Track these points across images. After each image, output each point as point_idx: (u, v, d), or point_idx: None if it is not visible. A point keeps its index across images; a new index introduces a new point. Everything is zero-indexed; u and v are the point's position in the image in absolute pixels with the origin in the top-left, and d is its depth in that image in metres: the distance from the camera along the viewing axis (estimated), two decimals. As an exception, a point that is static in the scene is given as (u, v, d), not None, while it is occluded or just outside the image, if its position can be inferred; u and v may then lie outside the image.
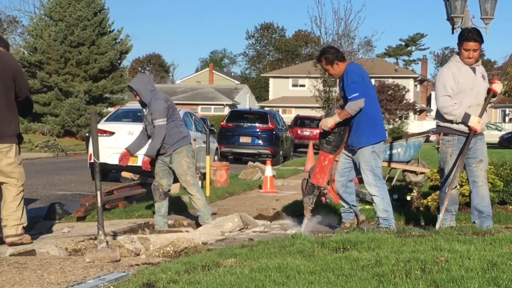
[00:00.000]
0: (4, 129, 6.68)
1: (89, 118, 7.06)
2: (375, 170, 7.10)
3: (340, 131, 7.25)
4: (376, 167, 7.12)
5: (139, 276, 4.61)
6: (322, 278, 4.27)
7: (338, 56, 7.26)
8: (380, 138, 7.21)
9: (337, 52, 7.34)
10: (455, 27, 11.28)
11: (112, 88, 42.18)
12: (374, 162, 7.11)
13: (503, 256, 4.74)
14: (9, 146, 6.75)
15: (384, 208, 7.13)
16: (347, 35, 33.57)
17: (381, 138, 7.24)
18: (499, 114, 68.50)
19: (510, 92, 41.80)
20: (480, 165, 6.92)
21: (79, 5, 41.09)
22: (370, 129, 7.09)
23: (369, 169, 7.09)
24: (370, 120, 7.11)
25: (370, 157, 7.09)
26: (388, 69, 71.73)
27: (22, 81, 6.91)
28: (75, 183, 15.14)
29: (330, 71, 7.34)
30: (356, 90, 7.00)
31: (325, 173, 7.44)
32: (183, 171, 8.10)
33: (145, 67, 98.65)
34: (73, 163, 22.51)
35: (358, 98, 6.97)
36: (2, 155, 6.71)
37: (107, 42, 42.16)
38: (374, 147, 7.12)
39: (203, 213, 8.19)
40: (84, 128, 38.16)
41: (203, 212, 8.20)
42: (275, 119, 25.02)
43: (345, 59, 7.37)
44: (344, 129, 7.23)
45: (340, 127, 7.21)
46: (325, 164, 7.41)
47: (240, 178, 15.45)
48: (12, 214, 6.71)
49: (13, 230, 6.68)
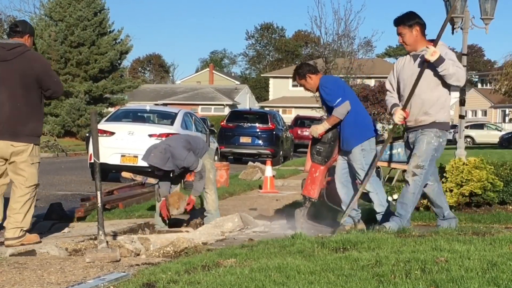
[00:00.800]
0: (17, 128, 6.57)
1: (89, 118, 7.04)
2: (364, 168, 7.26)
3: (330, 141, 7.43)
4: (365, 164, 7.27)
5: (139, 276, 4.62)
6: (322, 278, 4.27)
7: (310, 70, 7.59)
8: (367, 136, 7.35)
9: (308, 66, 7.69)
10: (455, 27, 11.28)
11: (112, 88, 42.18)
12: (364, 159, 7.28)
13: (503, 256, 4.74)
14: (24, 146, 6.61)
15: (380, 202, 7.28)
16: (347, 35, 33.54)
17: (368, 136, 7.36)
18: (499, 114, 68.45)
19: (510, 92, 41.80)
20: (412, 158, 6.58)
21: (79, 5, 41.09)
22: (355, 130, 7.29)
23: (360, 167, 7.29)
24: (352, 121, 7.32)
25: (360, 156, 7.29)
26: (388, 69, 71.37)
27: (50, 83, 6.71)
28: (75, 183, 15.14)
29: (306, 86, 7.66)
30: (336, 96, 7.27)
31: (316, 184, 7.54)
32: (207, 169, 8.27)
33: (145, 67, 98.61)
34: (73, 163, 22.51)
35: (342, 102, 7.24)
36: (17, 154, 6.61)
37: (107, 42, 42.17)
38: (362, 145, 7.30)
39: (212, 216, 8.27)
40: (84, 128, 38.16)
41: (213, 215, 8.30)
42: (275, 119, 25.01)
43: (318, 72, 7.73)
44: (334, 139, 7.41)
45: (329, 137, 7.38)
46: (316, 175, 7.53)
47: (240, 178, 15.45)
48: (13, 216, 6.56)
49: (10, 233, 6.53)
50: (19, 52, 6.60)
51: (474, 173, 8.41)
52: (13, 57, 6.57)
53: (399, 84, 6.68)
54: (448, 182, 8.58)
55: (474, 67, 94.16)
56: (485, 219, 8.14)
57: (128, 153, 14.54)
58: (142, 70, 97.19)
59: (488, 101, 68.99)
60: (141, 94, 61.18)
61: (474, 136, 49.68)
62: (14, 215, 6.55)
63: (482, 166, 8.54)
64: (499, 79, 43.04)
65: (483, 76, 79.13)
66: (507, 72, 40.84)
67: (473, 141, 48.72)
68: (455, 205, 8.49)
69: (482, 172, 8.42)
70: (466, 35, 11.35)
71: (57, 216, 8.75)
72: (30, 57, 6.69)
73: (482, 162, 8.61)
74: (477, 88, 76.47)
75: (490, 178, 8.45)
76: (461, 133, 11.62)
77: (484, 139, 48.44)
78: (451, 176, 8.58)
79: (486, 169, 8.53)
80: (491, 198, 8.55)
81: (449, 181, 8.58)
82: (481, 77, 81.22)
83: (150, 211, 9.13)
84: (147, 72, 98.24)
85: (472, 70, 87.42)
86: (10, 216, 6.56)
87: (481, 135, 50.22)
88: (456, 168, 8.60)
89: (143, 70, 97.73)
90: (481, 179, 8.39)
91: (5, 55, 6.58)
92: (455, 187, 8.51)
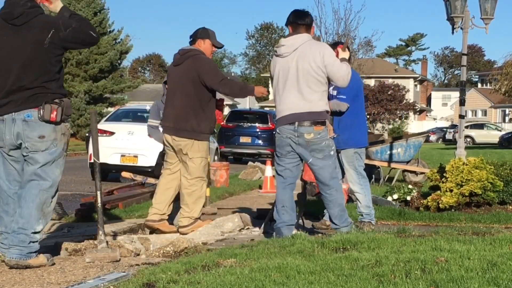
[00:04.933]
0: (180, 124, 7.27)
1: (89, 118, 7.07)
2: (357, 169, 7.52)
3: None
4: (358, 166, 7.54)
5: (139, 276, 4.61)
6: (322, 278, 4.27)
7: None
8: (363, 145, 7.67)
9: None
10: (455, 27, 11.27)
11: (112, 88, 42.21)
12: (357, 161, 7.55)
13: (503, 256, 4.74)
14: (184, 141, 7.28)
15: (367, 204, 7.54)
16: (347, 35, 33.51)
17: (364, 145, 7.71)
18: (499, 114, 68.49)
19: (510, 92, 41.79)
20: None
21: (79, 5, 41.13)
22: (357, 134, 7.53)
23: (352, 167, 7.52)
24: (358, 125, 7.55)
25: (353, 157, 7.54)
26: (388, 69, 71.78)
27: (208, 80, 7.22)
28: (75, 183, 15.15)
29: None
30: (345, 93, 7.36)
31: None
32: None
33: (145, 67, 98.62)
34: (73, 163, 22.49)
35: (344, 101, 7.42)
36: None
37: (107, 42, 42.21)
38: (356, 150, 7.57)
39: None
40: (84, 128, 38.19)
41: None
42: (275, 119, 24.99)
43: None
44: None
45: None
46: None
47: (240, 178, 15.45)
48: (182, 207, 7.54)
49: (183, 222, 7.45)
50: None
51: (474, 173, 8.41)
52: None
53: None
54: (448, 182, 8.58)
55: (474, 67, 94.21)
56: (485, 219, 8.14)
57: (128, 153, 14.55)
58: (142, 70, 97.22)
59: (488, 101, 69.04)
60: (141, 94, 61.20)
61: (474, 136, 49.74)
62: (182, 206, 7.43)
63: (482, 166, 8.54)
64: (499, 79, 43.05)
65: (483, 76, 79.17)
66: (507, 72, 40.82)
67: (473, 141, 48.77)
68: (455, 205, 8.50)
69: (482, 172, 8.42)
70: (466, 35, 11.35)
71: (57, 216, 8.75)
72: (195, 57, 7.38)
73: (482, 162, 8.61)
74: (477, 88, 76.53)
75: (490, 178, 8.45)
76: (461, 133, 11.62)
77: (484, 139, 48.50)
78: (451, 176, 8.58)
79: (486, 169, 8.53)
80: (491, 198, 8.55)
81: (449, 181, 8.58)
82: (481, 77, 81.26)
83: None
84: (147, 72, 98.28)
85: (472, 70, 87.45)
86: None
87: (481, 135, 50.28)
88: (456, 168, 8.60)
89: (143, 70, 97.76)
90: (481, 179, 8.38)
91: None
92: (455, 187, 8.51)
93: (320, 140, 6.27)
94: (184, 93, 7.30)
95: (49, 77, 5.19)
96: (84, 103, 40.20)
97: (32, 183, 5.17)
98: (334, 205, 6.34)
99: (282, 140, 6.35)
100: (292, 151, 6.35)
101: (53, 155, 5.23)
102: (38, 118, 5.13)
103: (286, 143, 6.33)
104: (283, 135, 6.34)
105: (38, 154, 5.17)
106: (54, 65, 5.21)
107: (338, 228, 6.34)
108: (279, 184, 6.50)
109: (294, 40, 6.29)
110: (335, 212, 6.35)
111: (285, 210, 6.39)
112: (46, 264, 5.17)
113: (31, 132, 5.14)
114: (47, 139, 5.18)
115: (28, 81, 5.13)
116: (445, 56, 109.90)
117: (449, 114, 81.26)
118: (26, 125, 5.14)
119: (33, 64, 5.13)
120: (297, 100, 6.25)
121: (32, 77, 5.13)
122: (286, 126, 6.31)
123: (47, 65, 5.17)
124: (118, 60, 43.73)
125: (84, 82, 41.13)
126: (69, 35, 5.16)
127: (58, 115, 5.18)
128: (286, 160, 6.40)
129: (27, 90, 5.14)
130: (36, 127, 5.14)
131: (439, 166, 9.26)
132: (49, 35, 5.11)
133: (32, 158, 5.17)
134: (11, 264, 5.08)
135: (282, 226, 6.38)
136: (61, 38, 5.14)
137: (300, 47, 6.23)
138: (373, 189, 9.04)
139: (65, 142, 5.34)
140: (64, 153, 5.34)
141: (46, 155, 5.19)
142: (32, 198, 5.14)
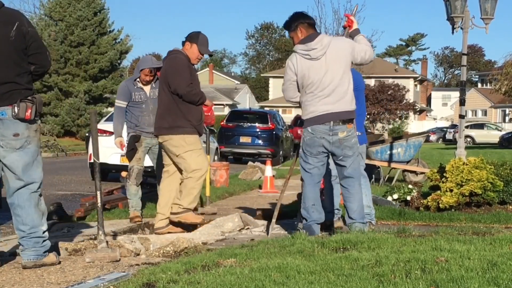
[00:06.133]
0: (158, 122, 7.43)
1: (89, 118, 7.09)
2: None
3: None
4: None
5: (139, 276, 4.61)
6: (322, 278, 4.27)
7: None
8: (363, 142, 7.62)
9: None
10: (455, 27, 11.27)
11: (112, 88, 42.15)
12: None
13: (503, 256, 4.74)
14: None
15: (367, 204, 7.45)
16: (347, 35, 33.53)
17: (364, 142, 7.67)
18: (499, 114, 68.49)
19: (510, 92, 41.77)
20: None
21: (79, 5, 41.11)
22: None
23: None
24: (358, 124, 7.43)
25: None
26: (388, 69, 71.74)
27: (170, 81, 7.32)
28: (75, 183, 15.14)
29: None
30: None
31: None
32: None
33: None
34: (73, 163, 22.51)
35: None
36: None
37: (107, 42, 42.18)
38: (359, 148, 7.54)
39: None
40: (84, 128, 38.17)
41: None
42: (275, 119, 25.00)
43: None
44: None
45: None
46: None
47: (240, 178, 15.45)
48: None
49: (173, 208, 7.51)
50: None
51: (474, 173, 8.40)
52: None
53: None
54: (448, 182, 8.58)
55: (474, 67, 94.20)
56: (485, 219, 8.13)
57: (128, 153, 14.50)
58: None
59: (488, 101, 69.03)
60: (141, 94, 61.07)
61: (474, 136, 49.72)
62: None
63: (482, 166, 8.54)
64: (499, 79, 43.03)
65: (483, 76, 79.18)
66: (507, 72, 40.78)
67: (473, 141, 48.76)
68: (455, 205, 8.49)
69: (482, 172, 8.42)
70: (466, 35, 11.35)
71: (57, 216, 8.74)
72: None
73: (482, 162, 8.61)
74: (477, 88, 76.54)
75: (490, 178, 8.45)
76: (461, 133, 11.62)
77: (484, 139, 48.50)
78: (451, 176, 8.57)
79: (486, 169, 8.52)
80: (491, 198, 8.54)
81: (449, 181, 8.57)
82: (481, 77, 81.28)
83: (149, 210, 9.12)
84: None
85: (472, 70, 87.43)
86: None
87: (481, 135, 50.27)
88: (456, 168, 8.59)
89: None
90: (481, 179, 8.38)
91: None
92: (455, 187, 8.51)
93: (351, 137, 6.44)
94: (160, 92, 7.49)
95: (19, 70, 5.14)
96: (84, 103, 40.17)
97: (21, 190, 5.17)
98: (354, 198, 6.45)
99: (315, 140, 6.41)
100: (324, 150, 6.45)
101: (29, 154, 5.19)
102: (12, 116, 5.09)
103: (319, 143, 6.41)
104: (317, 135, 6.40)
105: (15, 154, 5.12)
106: (22, 58, 5.16)
107: (354, 223, 6.40)
108: (308, 182, 6.55)
109: (322, 42, 6.37)
110: (354, 206, 6.45)
111: (315, 208, 6.48)
112: (56, 261, 5.23)
113: (5, 131, 5.10)
114: (21, 137, 5.14)
115: (0, 77, 5.08)
116: (445, 56, 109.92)
117: (449, 114, 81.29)
118: (1, 123, 5.10)
119: (2, 58, 5.08)
120: (333, 100, 6.35)
121: (3, 72, 5.08)
122: (321, 126, 6.38)
123: (16, 58, 5.12)
124: (118, 60, 43.70)
125: (84, 82, 41.09)
126: (33, 33, 5.21)
127: (33, 113, 5.17)
128: (316, 159, 6.49)
129: (0, 86, 5.09)
130: (10, 125, 5.11)
131: (439, 166, 9.25)
132: (13, 28, 5.09)
133: (11, 167, 5.12)
134: (29, 266, 5.12)
135: (313, 224, 6.48)
136: (24, 32, 5.13)
137: (329, 47, 6.37)
138: (373, 189, 9.03)
139: (38, 138, 5.33)
140: (39, 150, 5.32)
141: (24, 156, 5.15)
142: (27, 203, 5.17)
